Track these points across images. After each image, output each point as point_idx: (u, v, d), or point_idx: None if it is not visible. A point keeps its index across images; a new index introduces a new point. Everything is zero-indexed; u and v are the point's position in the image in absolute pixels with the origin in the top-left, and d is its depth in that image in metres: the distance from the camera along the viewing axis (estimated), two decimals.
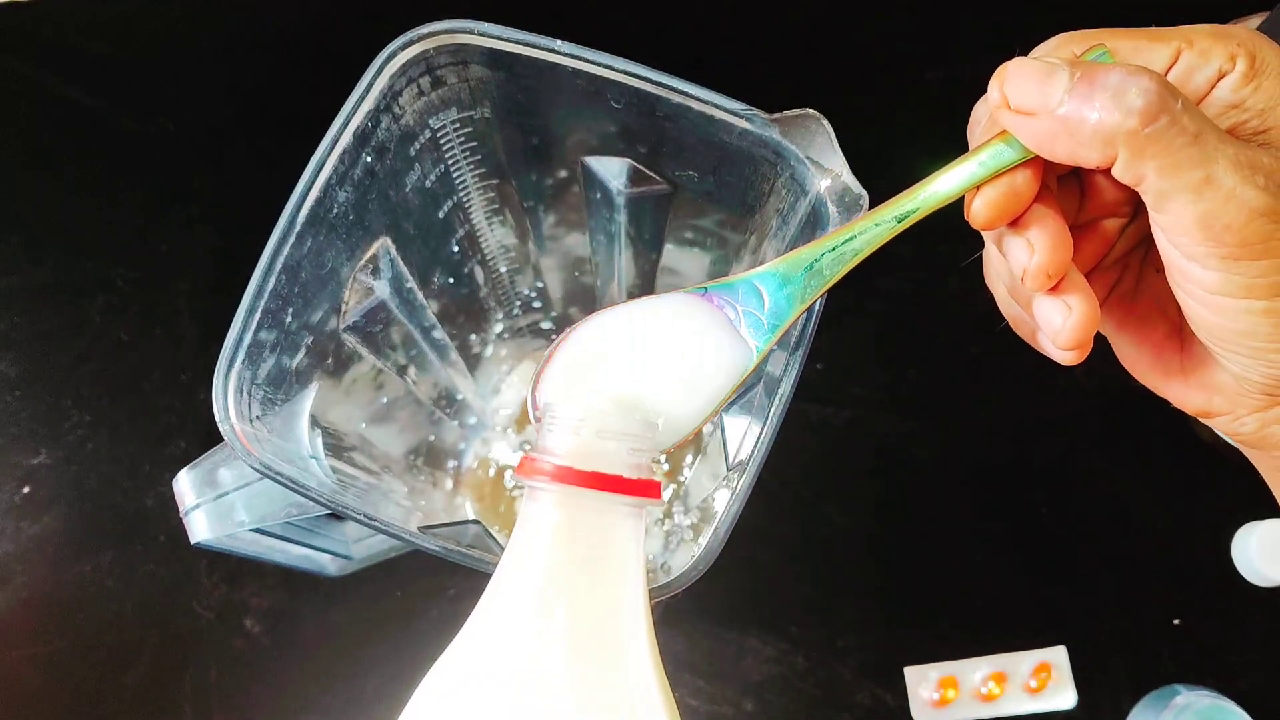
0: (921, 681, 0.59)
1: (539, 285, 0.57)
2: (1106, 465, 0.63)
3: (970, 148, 0.28)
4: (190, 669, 0.59)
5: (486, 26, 0.37)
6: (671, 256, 0.50)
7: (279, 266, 0.35)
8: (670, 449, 0.31)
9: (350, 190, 0.38)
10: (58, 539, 0.61)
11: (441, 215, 0.46)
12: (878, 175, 0.35)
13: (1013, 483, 0.63)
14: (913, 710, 0.58)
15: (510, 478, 0.59)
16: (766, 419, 0.34)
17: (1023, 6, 0.69)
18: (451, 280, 0.51)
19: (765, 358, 0.31)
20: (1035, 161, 0.26)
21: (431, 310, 0.48)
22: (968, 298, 0.40)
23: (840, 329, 0.65)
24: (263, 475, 0.33)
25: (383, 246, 0.42)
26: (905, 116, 0.67)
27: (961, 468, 0.64)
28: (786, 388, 0.34)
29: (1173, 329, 0.31)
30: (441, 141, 0.42)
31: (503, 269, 0.54)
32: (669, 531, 0.56)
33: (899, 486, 0.64)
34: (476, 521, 0.44)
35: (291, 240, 0.36)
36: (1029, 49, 0.27)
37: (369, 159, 0.38)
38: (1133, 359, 0.32)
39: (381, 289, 0.43)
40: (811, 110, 0.35)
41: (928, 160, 0.28)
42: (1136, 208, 0.30)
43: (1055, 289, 0.27)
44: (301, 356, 0.39)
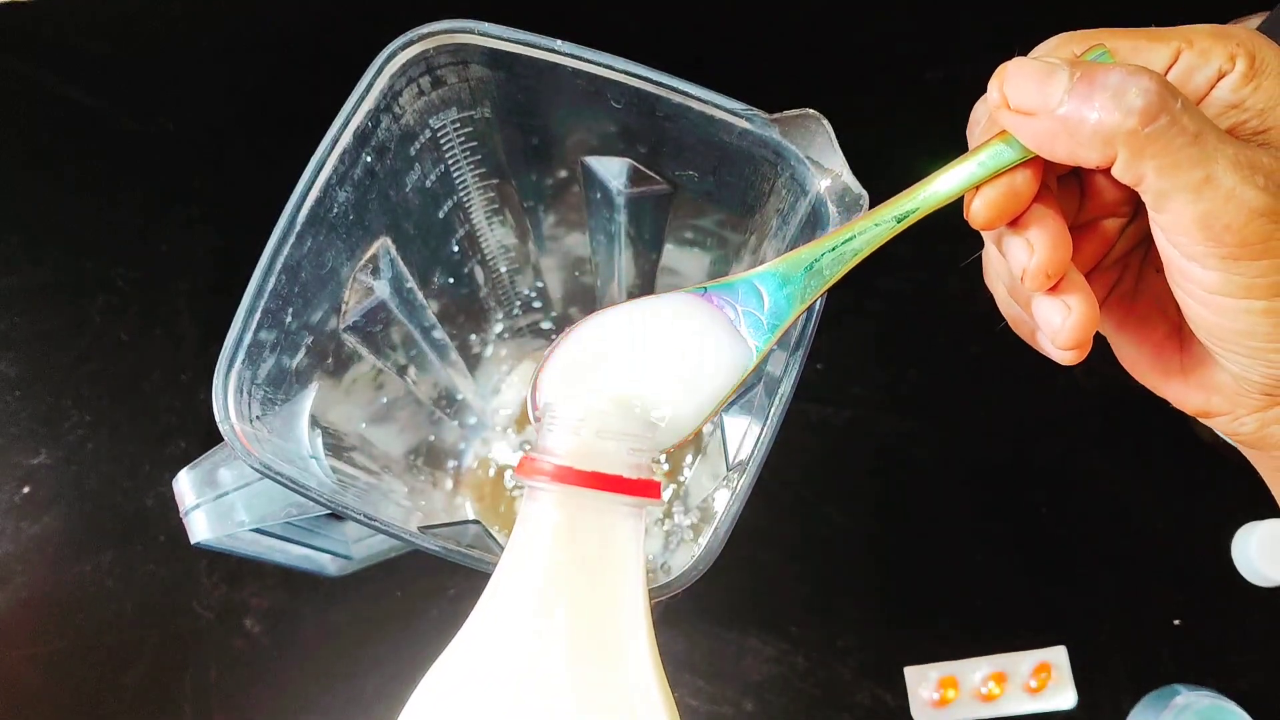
0: (921, 681, 0.59)
1: (539, 285, 0.57)
2: (1106, 465, 0.63)
3: (970, 148, 0.28)
4: (190, 669, 0.59)
5: (486, 26, 0.37)
6: (671, 256, 0.50)
7: (279, 266, 0.35)
8: (670, 449, 0.31)
9: (350, 190, 0.38)
10: (58, 539, 0.61)
11: (441, 215, 0.46)
12: (878, 175, 0.35)
13: (1013, 483, 0.63)
14: (913, 710, 0.58)
15: (510, 478, 0.59)
16: (766, 419, 0.34)
17: (1023, 6, 0.69)
18: (451, 280, 0.51)
19: (765, 357, 0.31)
20: (1035, 161, 0.26)
21: (431, 310, 0.48)
22: (968, 298, 0.40)
23: (840, 329, 0.65)
24: (263, 475, 0.33)
25: (383, 246, 0.42)
26: (905, 116, 0.67)
27: (961, 468, 0.64)
28: (786, 388, 0.34)
29: (1172, 329, 0.31)
30: (441, 141, 0.42)
31: (503, 269, 0.54)
32: (669, 531, 0.56)
33: (899, 486, 0.64)
34: (476, 521, 0.44)
35: (291, 240, 0.36)
36: (1029, 49, 0.27)
37: (369, 159, 0.38)
38: (1132, 359, 0.32)
39: (381, 289, 0.43)
40: (811, 110, 0.35)
41: (928, 160, 0.28)
42: (1136, 208, 0.30)
43: (1055, 289, 0.27)
44: (301, 356, 0.39)
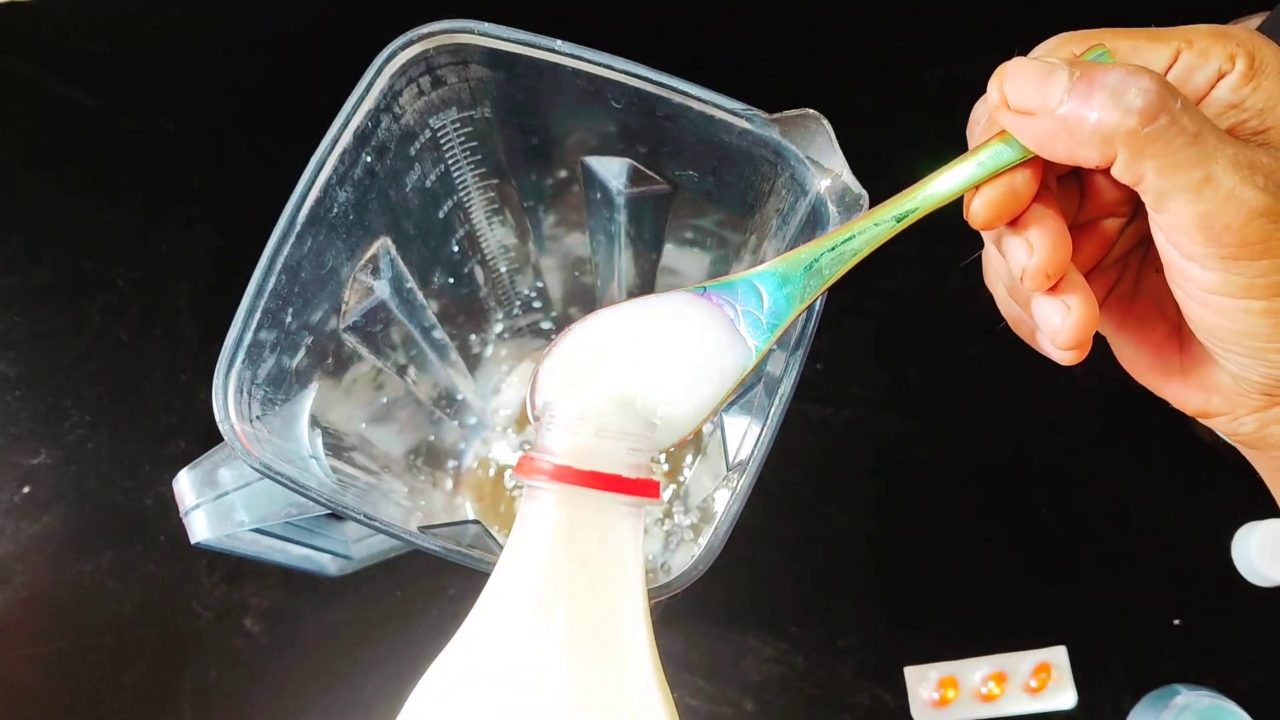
0: (921, 681, 0.59)
1: (539, 285, 0.57)
2: (1106, 465, 0.63)
3: (969, 148, 0.28)
4: (190, 669, 0.59)
5: (486, 26, 0.37)
6: (671, 256, 0.50)
7: (279, 266, 0.35)
8: (669, 448, 0.31)
9: (350, 190, 0.38)
10: (58, 539, 0.61)
11: (441, 215, 0.46)
12: (878, 175, 0.35)
13: (1013, 483, 0.63)
14: (913, 710, 0.58)
15: (510, 478, 0.59)
16: (766, 419, 0.34)
17: (1022, 6, 0.69)
18: (451, 280, 0.51)
19: (764, 357, 0.31)
20: (1034, 161, 0.26)
21: (431, 310, 0.48)
22: (968, 297, 0.40)
23: (840, 329, 0.65)
24: (263, 475, 0.33)
25: (383, 246, 0.42)
26: (905, 116, 0.67)
27: (961, 468, 0.64)
28: (786, 388, 0.34)
29: (1172, 329, 0.31)
30: (441, 141, 0.42)
31: (503, 269, 0.54)
32: (669, 531, 0.56)
33: (899, 486, 0.64)
34: (476, 521, 0.44)
35: (291, 240, 0.36)
36: (1029, 49, 0.27)
37: (369, 159, 0.38)
38: (1132, 359, 0.32)
39: (381, 289, 0.43)
40: (811, 110, 0.35)
41: (927, 160, 0.28)
42: (1136, 208, 0.30)
43: (1054, 289, 0.27)
44: (301, 356, 0.39)
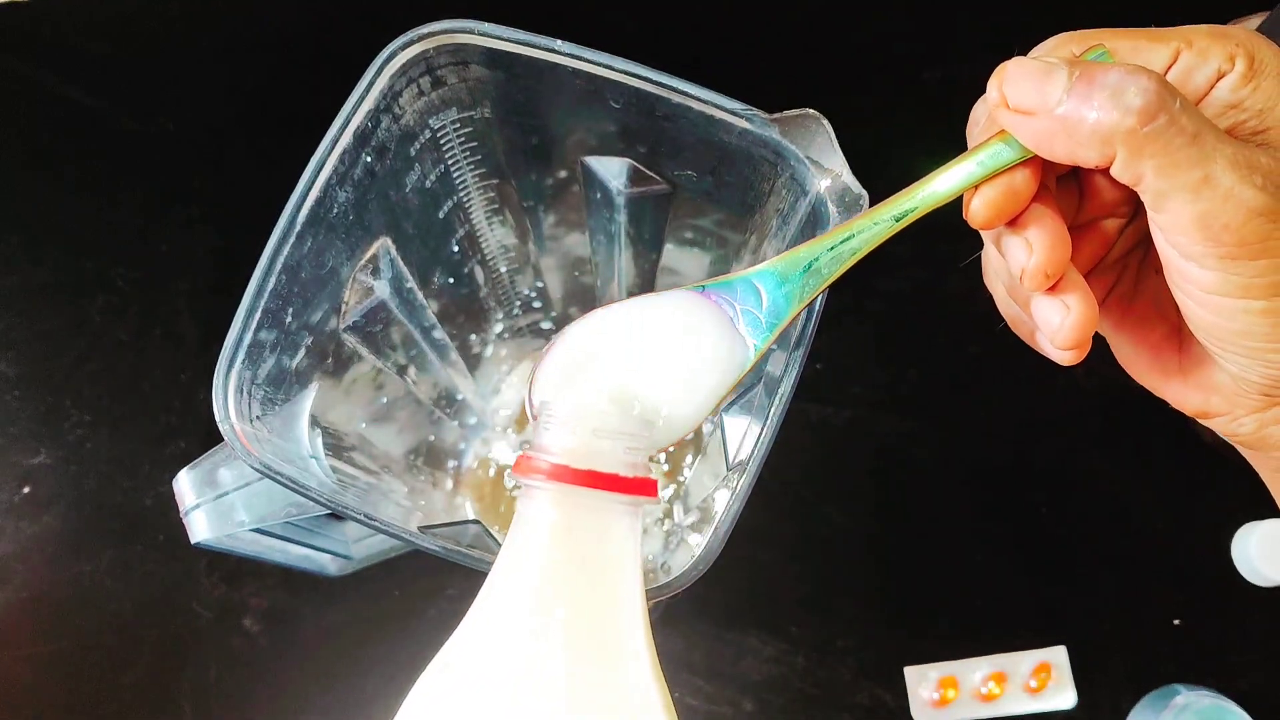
0: (921, 681, 0.59)
1: (539, 285, 0.57)
2: (1106, 465, 0.63)
3: (969, 147, 0.28)
4: (189, 669, 0.59)
5: (486, 26, 0.37)
6: (671, 256, 0.50)
7: (279, 266, 0.35)
8: (667, 447, 0.31)
9: (350, 190, 0.38)
10: (57, 539, 0.61)
11: (441, 215, 0.46)
12: (877, 175, 0.35)
13: (1013, 483, 0.63)
14: (913, 710, 0.58)
15: (510, 478, 0.59)
16: (766, 419, 0.34)
17: (1021, 6, 0.69)
18: (451, 280, 0.51)
19: (763, 356, 0.31)
20: (1034, 161, 0.26)
21: (431, 310, 0.48)
22: (967, 297, 0.40)
23: (840, 329, 0.65)
24: (263, 475, 0.33)
25: (383, 246, 0.42)
26: (904, 116, 0.67)
27: (961, 468, 0.64)
28: (786, 387, 0.34)
29: (1171, 329, 0.31)
30: (441, 141, 0.42)
31: (503, 269, 0.54)
32: (669, 531, 0.56)
33: (899, 486, 0.64)
34: (476, 521, 0.44)
35: (291, 240, 0.36)
36: (1027, 49, 0.27)
37: (369, 159, 0.38)
38: (1131, 359, 0.32)
39: (381, 289, 0.43)
40: (811, 110, 0.35)
41: (926, 160, 0.28)
42: (1135, 208, 0.30)
43: (1054, 289, 0.27)
44: (301, 356, 0.39)
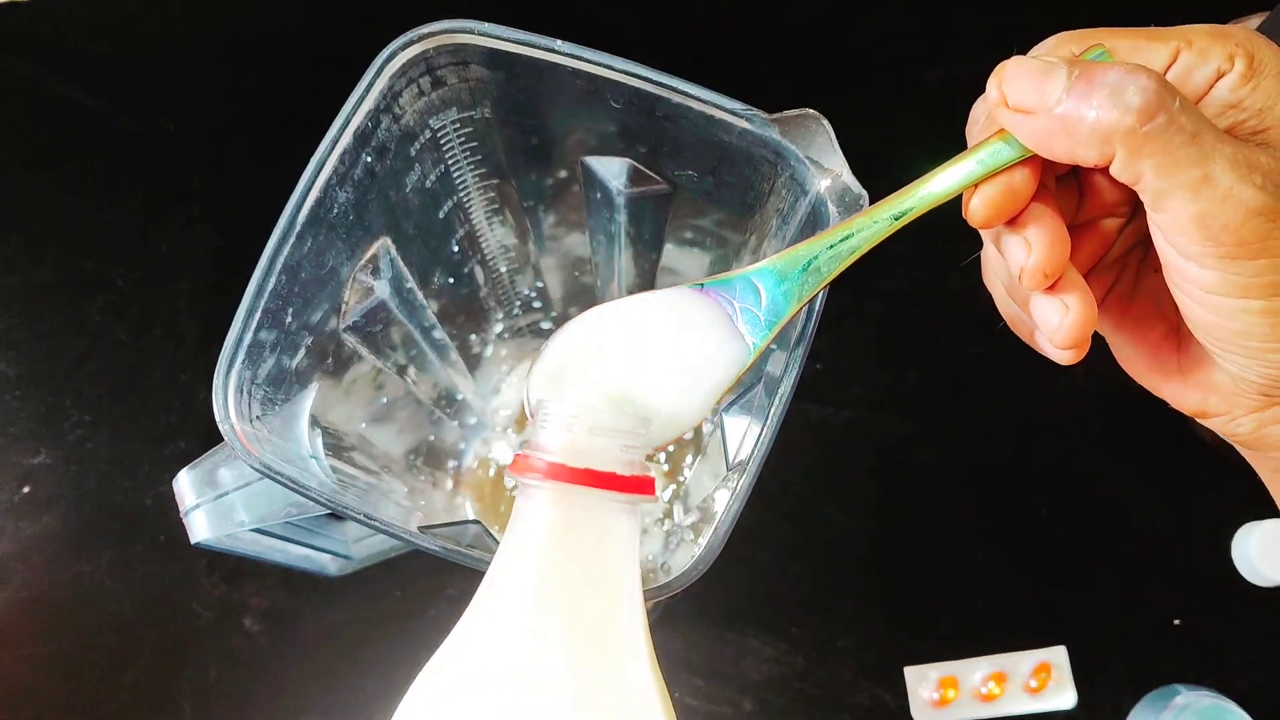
0: (921, 681, 0.59)
1: (539, 285, 0.57)
2: (1106, 465, 0.63)
3: (968, 146, 0.28)
4: (189, 669, 0.59)
5: (486, 26, 0.37)
6: (671, 256, 0.50)
7: (279, 266, 0.35)
8: (665, 445, 0.31)
9: (350, 190, 0.38)
10: (57, 539, 0.61)
11: (441, 215, 0.46)
12: (878, 175, 0.35)
13: (1013, 483, 0.63)
14: (913, 710, 0.58)
15: (510, 477, 0.59)
16: (766, 419, 0.34)
17: (1022, 6, 0.69)
18: (451, 280, 0.51)
19: (762, 354, 0.31)
20: (1033, 160, 0.26)
21: (431, 310, 0.48)
22: (967, 297, 0.40)
23: (840, 329, 0.65)
24: (263, 475, 0.33)
25: (383, 246, 0.42)
26: (905, 116, 0.67)
27: (961, 468, 0.64)
28: (786, 387, 0.34)
29: (1170, 329, 0.31)
30: (441, 141, 0.43)
31: (503, 269, 0.54)
32: (669, 531, 0.56)
33: (899, 487, 0.64)
34: (476, 521, 0.44)
35: (291, 240, 0.36)
36: (1028, 49, 0.27)
37: (369, 159, 0.38)
38: (1130, 359, 0.32)
39: (381, 289, 0.43)
40: (811, 110, 0.35)
41: (927, 160, 0.28)
42: (1135, 208, 0.30)
43: (1053, 288, 0.27)
44: (301, 356, 0.39)
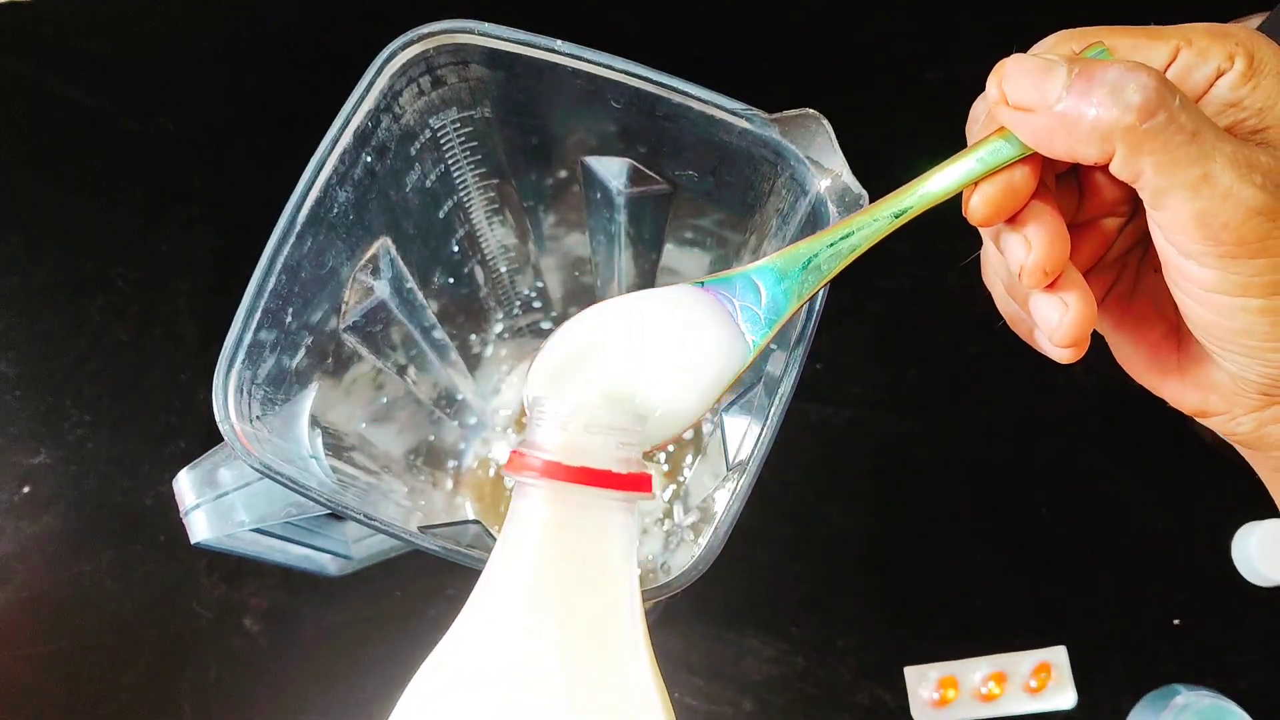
0: (921, 681, 0.59)
1: (539, 285, 0.57)
2: (1106, 465, 0.63)
3: (968, 145, 0.28)
4: (189, 669, 0.59)
5: (486, 26, 0.37)
6: (671, 256, 0.50)
7: (279, 266, 0.35)
8: (665, 444, 0.31)
9: (350, 190, 0.38)
10: (57, 539, 0.61)
11: (441, 215, 0.46)
12: (878, 175, 0.35)
13: (1013, 483, 0.63)
14: (913, 710, 0.58)
15: (507, 476, 0.59)
16: (766, 419, 0.34)
17: (1022, 6, 0.69)
18: (451, 280, 0.51)
19: (762, 353, 0.31)
20: (1033, 158, 0.26)
21: (431, 310, 0.48)
22: (967, 296, 0.40)
23: (840, 329, 0.65)
24: (263, 475, 0.33)
25: (383, 246, 0.42)
26: (905, 116, 0.67)
27: (961, 468, 0.64)
28: (786, 387, 0.34)
29: (1170, 328, 0.31)
30: (442, 141, 0.43)
31: (503, 269, 0.54)
32: (669, 531, 0.56)
33: (899, 486, 0.64)
34: (476, 521, 0.44)
35: (291, 240, 0.36)
36: (1028, 47, 0.27)
37: (369, 159, 0.38)
38: (1129, 358, 0.32)
39: (381, 289, 0.43)
40: (811, 110, 0.35)
41: (927, 160, 0.28)
42: (1135, 207, 0.30)
43: (1052, 286, 0.27)
44: (301, 356, 0.39)
